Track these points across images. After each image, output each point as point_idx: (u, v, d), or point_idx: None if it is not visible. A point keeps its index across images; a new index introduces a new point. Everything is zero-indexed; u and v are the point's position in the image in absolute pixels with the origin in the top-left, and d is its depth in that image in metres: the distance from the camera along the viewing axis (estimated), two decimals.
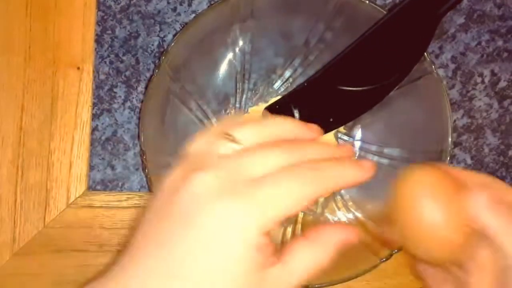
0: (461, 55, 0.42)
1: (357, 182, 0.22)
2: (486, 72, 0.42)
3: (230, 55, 0.38)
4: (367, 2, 0.34)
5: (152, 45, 0.40)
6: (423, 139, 0.36)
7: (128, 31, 0.40)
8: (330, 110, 0.37)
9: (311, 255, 0.22)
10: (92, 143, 0.39)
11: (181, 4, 0.41)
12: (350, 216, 0.38)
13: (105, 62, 0.40)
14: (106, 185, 0.39)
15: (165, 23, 0.41)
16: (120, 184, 0.39)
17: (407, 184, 0.21)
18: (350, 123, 0.39)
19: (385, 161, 0.38)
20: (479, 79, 0.42)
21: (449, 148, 0.34)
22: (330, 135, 0.39)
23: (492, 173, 0.42)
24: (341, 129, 0.39)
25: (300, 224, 0.38)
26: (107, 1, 0.40)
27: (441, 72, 0.42)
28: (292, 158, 0.22)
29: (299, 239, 0.22)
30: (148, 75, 0.40)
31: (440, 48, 0.42)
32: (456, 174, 0.23)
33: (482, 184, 0.23)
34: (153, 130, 0.35)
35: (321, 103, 0.37)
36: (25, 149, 0.39)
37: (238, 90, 0.39)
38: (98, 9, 0.40)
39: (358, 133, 0.39)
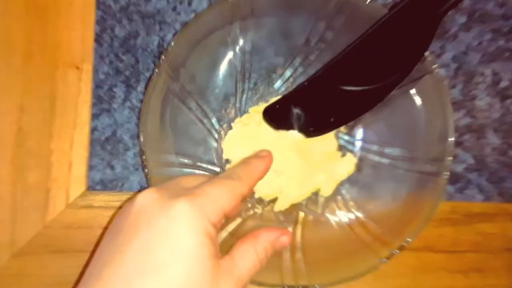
0: (463, 54, 0.42)
1: (266, 170, 0.28)
2: (488, 72, 0.42)
3: (230, 55, 0.38)
4: (368, 1, 0.34)
5: (152, 44, 0.40)
6: (425, 139, 0.36)
7: (128, 30, 0.40)
8: (331, 110, 0.37)
9: (251, 252, 0.25)
10: (91, 143, 0.39)
11: (181, 3, 0.41)
12: (351, 216, 0.37)
13: (105, 61, 0.40)
14: (105, 185, 0.39)
15: (165, 22, 0.40)
16: (119, 184, 0.39)
17: None
18: (351, 123, 0.38)
19: (386, 161, 0.38)
20: (480, 79, 0.42)
21: (451, 148, 0.34)
22: (331, 135, 0.39)
23: (494, 173, 0.42)
24: (342, 129, 0.39)
25: (301, 225, 0.38)
26: (107, 1, 0.40)
27: (442, 71, 0.41)
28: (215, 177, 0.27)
29: (242, 240, 0.26)
30: (147, 74, 0.40)
31: (442, 47, 0.42)
32: None
33: None
34: (153, 130, 0.35)
35: (322, 102, 0.36)
36: (24, 150, 0.39)
37: (238, 90, 0.39)
38: (98, 8, 0.40)
39: (359, 132, 0.39)
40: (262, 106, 0.38)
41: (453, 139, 0.34)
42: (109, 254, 0.22)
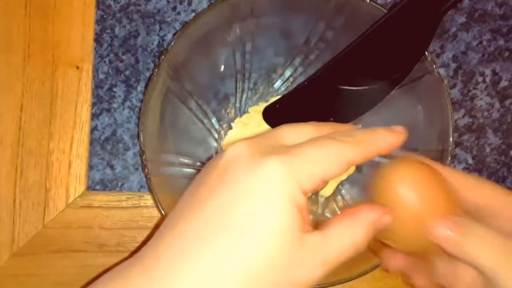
0: (462, 54, 0.42)
1: (391, 146, 0.23)
2: (488, 72, 0.42)
3: (230, 55, 0.38)
4: (368, 1, 0.34)
5: (152, 44, 0.40)
6: (424, 139, 0.36)
7: (128, 30, 0.40)
8: (331, 110, 0.36)
9: (349, 232, 0.21)
10: (91, 142, 0.39)
11: (181, 3, 0.41)
12: None
13: (105, 61, 0.40)
14: (105, 185, 0.39)
15: (165, 22, 0.40)
16: (119, 184, 0.39)
17: (388, 176, 0.22)
18: (351, 123, 0.38)
19: (385, 161, 0.38)
20: (480, 79, 0.42)
21: (450, 148, 0.34)
22: None
23: (494, 173, 0.42)
24: None
25: None
26: (107, 0, 0.40)
27: (442, 71, 0.41)
28: (326, 132, 0.23)
29: (337, 216, 0.22)
30: (147, 74, 0.40)
31: (441, 47, 0.42)
32: (441, 171, 0.24)
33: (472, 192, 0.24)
34: (153, 129, 0.35)
35: (322, 102, 0.36)
36: (24, 149, 0.39)
37: (238, 90, 0.39)
38: (98, 8, 0.40)
39: None
40: (262, 106, 0.38)
41: (452, 139, 0.34)
42: (187, 208, 0.21)
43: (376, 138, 0.23)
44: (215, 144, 0.39)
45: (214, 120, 0.39)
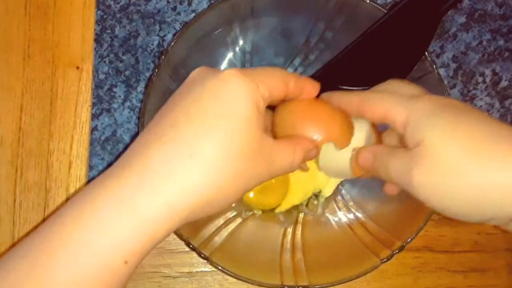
0: (462, 54, 0.42)
1: (309, 92, 0.28)
2: (488, 72, 0.42)
3: (230, 55, 0.38)
4: (368, 1, 0.34)
5: (152, 44, 0.40)
6: None
7: (128, 30, 0.40)
8: None
9: (291, 150, 0.26)
10: (91, 143, 0.39)
11: (181, 3, 0.41)
12: (351, 216, 0.37)
13: (105, 61, 0.40)
14: None
15: (164, 22, 0.40)
16: None
17: (282, 108, 0.29)
18: None
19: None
20: (480, 79, 0.42)
21: None
22: None
23: None
24: None
25: (301, 224, 0.38)
26: (107, 1, 0.40)
27: (442, 71, 0.41)
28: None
29: (285, 138, 0.27)
30: (147, 74, 0.40)
31: (441, 47, 0.42)
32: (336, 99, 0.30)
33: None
34: None
35: None
36: (24, 149, 0.39)
37: None
38: (98, 8, 0.40)
39: None
40: None
41: None
42: (165, 109, 0.24)
43: (305, 80, 0.28)
44: None
45: None
